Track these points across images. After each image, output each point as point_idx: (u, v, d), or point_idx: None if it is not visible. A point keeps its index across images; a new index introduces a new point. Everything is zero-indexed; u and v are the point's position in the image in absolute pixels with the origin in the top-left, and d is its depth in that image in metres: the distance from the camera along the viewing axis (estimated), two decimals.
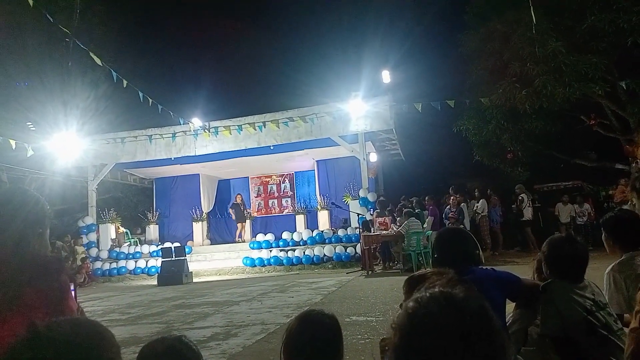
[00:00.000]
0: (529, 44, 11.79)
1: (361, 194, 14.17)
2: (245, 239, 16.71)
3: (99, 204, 16.72)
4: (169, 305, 8.23)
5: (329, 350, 1.65)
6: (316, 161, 16.83)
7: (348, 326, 5.06)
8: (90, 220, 16.11)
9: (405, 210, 11.58)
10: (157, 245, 15.66)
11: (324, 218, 15.67)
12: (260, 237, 15.41)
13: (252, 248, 14.90)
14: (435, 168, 21.60)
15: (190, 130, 15.34)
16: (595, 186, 16.57)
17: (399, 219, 11.71)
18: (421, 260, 10.60)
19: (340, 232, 14.28)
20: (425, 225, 11.78)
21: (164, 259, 13.17)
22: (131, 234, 17.77)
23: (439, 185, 17.27)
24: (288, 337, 1.66)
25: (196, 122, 15.33)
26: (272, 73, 27.45)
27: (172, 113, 14.29)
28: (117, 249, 15.89)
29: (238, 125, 14.89)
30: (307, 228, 15.73)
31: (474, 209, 13.59)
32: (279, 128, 14.67)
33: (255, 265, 14.22)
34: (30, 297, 1.43)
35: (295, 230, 15.57)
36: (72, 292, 1.56)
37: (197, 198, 17.67)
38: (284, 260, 14.05)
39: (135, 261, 15.35)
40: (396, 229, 11.20)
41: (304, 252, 14.05)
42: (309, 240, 14.42)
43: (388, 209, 12.54)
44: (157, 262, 14.12)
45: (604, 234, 2.81)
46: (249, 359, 4.31)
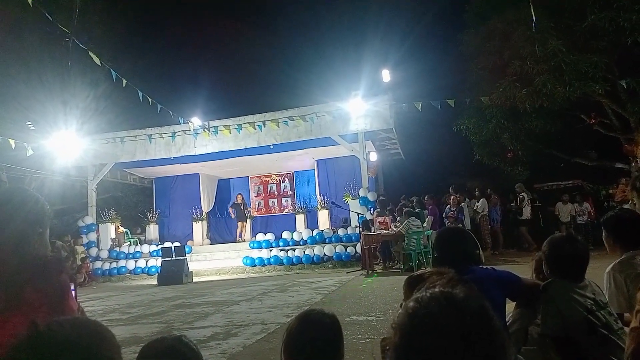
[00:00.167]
0: (529, 43, 11.78)
1: (361, 193, 14.16)
2: (245, 238, 16.70)
3: (99, 203, 16.72)
4: (169, 305, 8.24)
5: (329, 350, 1.65)
6: (316, 160, 16.82)
7: (348, 326, 5.06)
8: (90, 220, 16.11)
9: (405, 209, 11.58)
10: (157, 245, 15.65)
11: (324, 217, 15.67)
12: (260, 237, 15.40)
13: (252, 248, 14.90)
14: (436, 167, 21.59)
15: (189, 130, 15.34)
16: (595, 185, 16.57)
17: (399, 218, 11.70)
18: (421, 259, 10.60)
19: (340, 232, 14.28)
20: (425, 224, 11.78)
21: (164, 259, 13.17)
22: (131, 234, 17.77)
23: (439, 184, 17.26)
24: (288, 337, 1.66)
25: (196, 122, 15.32)
26: (272, 72, 27.46)
27: (172, 112, 14.29)
28: (117, 249, 15.89)
29: (238, 125, 14.88)
30: (307, 227, 15.73)
31: (474, 208, 13.60)
32: (278, 127, 14.67)
33: (255, 265, 14.22)
34: (31, 297, 1.42)
35: (295, 230, 15.56)
36: (73, 292, 1.56)
37: (197, 197, 17.67)
38: (284, 260, 14.04)
39: (135, 261, 15.35)
40: (396, 229, 11.20)
41: (304, 252, 14.05)
42: (309, 240, 14.42)
43: (388, 208, 12.54)
44: (157, 262, 14.12)
45: (604, 233, 2.80)
46: (249, 359, 4.31)
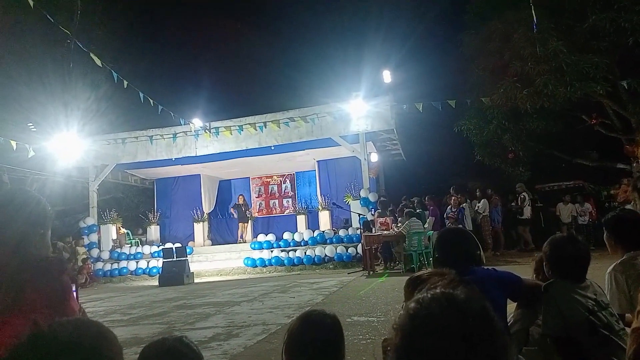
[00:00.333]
0: (529, 44, 11.78)
1: (362, 194, 14.16)
2: (246, 239, 16.70)
3: (100, 204, 16.73)
4: (170, 305, 8.24)
5: (330, 351, 1.64)
6: (317, 161, 16.82)
7: (349, 326, 5.06)
8: (91, 221, 16.12)
9: (406, 210, 11.58)
10: (158, 246, 15.65)
11: (325, 218, 15.66)
12: (261, 238, 15.39)
13: (253, 248, 14.90)
14: (437, 168, 21.55)
15: (191, 131, 15.35)
16: (596, 186, 16.53)
17: (400, 219, 11.70)
18: (422, 260, 10.59)
19: (341, 233, 14.27)
20: (427, 225, 11.77)
21: (165, 260, 13.17)
22: (132, 235, 17.76)
23: (440, 185, 17.23)
24: (289, 338, 1.66)
25: (197, 123, 15.33)
26: (273, 73, 27.42)
27: (173, 113, 14.31)
28: (118, 250, 15.89)
29: (239, 126, 14.88)
30: (308, 228, 15.72)
31: (475, 209, 13.59)
32: (279, 128, 14.67)
33: (256, 266, 14.21)
34: (32, 298, 1.43)
35: (297, 231, 15.55)
36: (74, 293, 1.56)
37: (198, 198, 17.67)
38: (285, 261, 14.04)
39: (137, 262, 15.36)
40: (397, 229, 11.19)
41: (305, 253, 14.04)
42: (310, 241, 14.41)
43: (389, 209, 12.54)
44: (159, 263, 14.12)
45: (605, 234, 2.80)
46: None
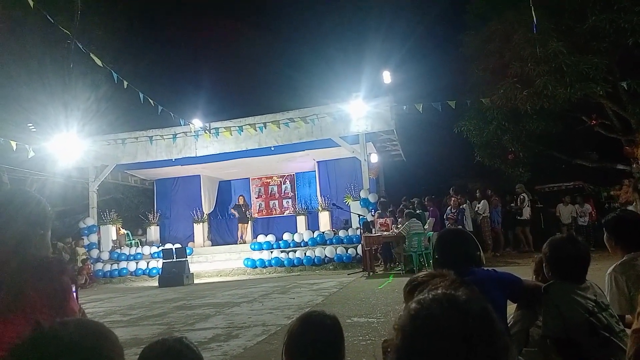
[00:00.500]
0: (529, 44, 11.78)
1: (362, 194, 14.16)
2: (246, 240, 16.69)
3: (100, 205, 16.73)
4: (170, 306, 8.23)
5: (330, 352, 1.64)
6: (317, 162, 16.82)
7: (349, 327, 5.06)
8: (91, 221, 16.12)
9: (406, 211, 11.58)
10: (158, 247, 15.65)
11: (324, 219, 15.66)
12: (261, 238, 15.38)
13: (253, 249, 14.90)
14: (436, 169, 21.54)
15: (190, 131, 15.35)
16: (596, 187, 16.53)
17: (400, 219, 11.70)
18: (422, 261, 10.59)
19: (341, 233, 14.26)
20: (427, 226, 11.77)
21: (165, 260, 13.16)
22: (132, 235, 17.76)
23: (440, 186, 17.22)
24: (289, 339, 1.66)
25: (197, 123, 15.34)
26: (273, 74, 27.43)
27: (173, 114, 14.31)
28: (118, 250, 15.89)
29: (239, 126, 14.88)
30: (308, 229, 15.70)
31: (475, 209, 13.58)
32: (279, 129, 14.67)
33: (256, 267, 14.20)
34: (32, 298, 1.42)
35: (296, 232, 15.54)
36: (74, 294, 1.56)
37: (198, 199, 17.66)
38: (285, 262, 14.03)
39: (136, 262, 15.36)
40: (397, 230, 11.19)
41: (305, 253, 14.04)
42: (310, 242, 14.41)
43: (389, 209, 12.54)
44: (158, 264, 14.11)
45: (605, 235, 2.80)
46: None
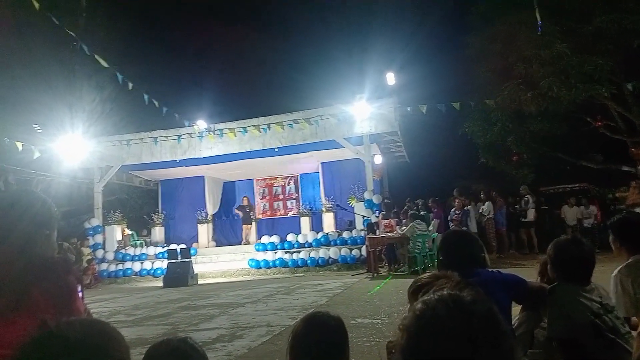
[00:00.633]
0: (534, 46, 11.76)
1: (366, 196, 14.14)
2: (250, 240, 16.71)
3: (105, 205, 16.79)
4: (174, 306, 8.25)
5: (334, 353, 1.64)
6: (321, 163, 16.81)
7: (354, 328, 5.05)
8: (96, 222, 16.18)
9: (410, 212, 11.57)
10: (163, 247, 15.69)
11: (329, 220, 15.64)
12: (265, 239, 15.40)
13: (257, 250, 14.91)
14: (440, 170, 21.48)
15: (195, 133, 15.38)
16: (601, 188, 16.46)
17: (404, 221, 11.68)
18: (427, 262, 10.57)
19: (345, 234, 14.25)
20: (431, 227, 11.75)
21: (169, 261, 13.19)
22: (137, 236, 17.81)
23: (444, 187, 17.17)
24: (294, 339, 1.66)
25: (201, 124, 15.36)
26: (277, 75, 27.49)
27: (177, 115, 14.35)
28: (123, 251, 15.94)
29: (243, 128, 14.91)
30: (312, 230, 15.69)
31: (480, 211, 13.55)
32: (283, 130, 14.68)
33: (260, 267, 14.21)
34: (38, 298, 1.43)
35: (300, 233, 15.53)
36: (80, 294, 1.57)
37: (202, 200, 17.69)
38: (289, 262, 14.03)
39: (141, 263, 15.40)
40: (401, 232, 11.17)
41: (309, 254, 14.03)
42: (314, 243, 14.40)
43: (393, 211, 12.54)
44: (163, 264, 14.14)
45: (611, 236, 2.79)
46: None
